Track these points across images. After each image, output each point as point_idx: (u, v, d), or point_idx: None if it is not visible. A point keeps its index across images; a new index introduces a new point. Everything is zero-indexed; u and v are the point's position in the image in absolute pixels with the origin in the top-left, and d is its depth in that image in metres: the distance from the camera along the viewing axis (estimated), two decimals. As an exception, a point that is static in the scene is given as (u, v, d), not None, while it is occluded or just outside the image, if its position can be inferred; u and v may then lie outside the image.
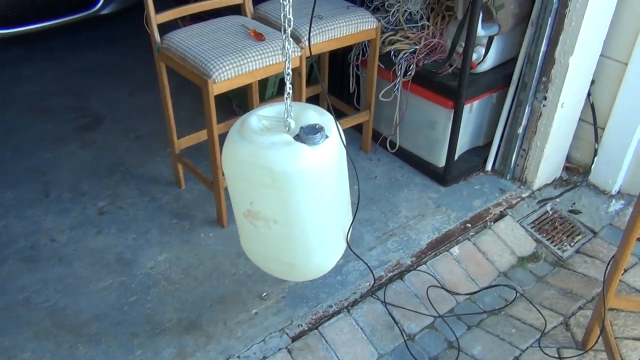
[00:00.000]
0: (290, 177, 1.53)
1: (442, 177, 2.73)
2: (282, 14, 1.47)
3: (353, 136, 2.94)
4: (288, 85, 1.54)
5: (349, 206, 1.83)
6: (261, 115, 1.64)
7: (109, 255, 2.30)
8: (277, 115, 1.63)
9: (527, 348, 2.05)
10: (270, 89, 2.88)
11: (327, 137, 1.58)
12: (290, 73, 1.56)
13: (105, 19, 3.94)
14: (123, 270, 2.23)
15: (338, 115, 2.93)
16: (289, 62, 1.54)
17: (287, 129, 1.60)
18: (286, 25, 1.49)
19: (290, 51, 1.53)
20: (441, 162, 2.73)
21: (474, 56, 2.56)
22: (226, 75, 2.10)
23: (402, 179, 2.77)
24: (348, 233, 1.80)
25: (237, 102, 3.07)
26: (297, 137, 1.56)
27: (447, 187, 2.73)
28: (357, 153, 2.92)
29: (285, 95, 1.55)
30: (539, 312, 2.17)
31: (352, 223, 1.82)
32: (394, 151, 2.89)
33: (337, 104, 2.98)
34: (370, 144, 2.91)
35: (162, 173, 2.73)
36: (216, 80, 2.08)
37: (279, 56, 2.21)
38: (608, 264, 1.88)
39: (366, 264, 2.13)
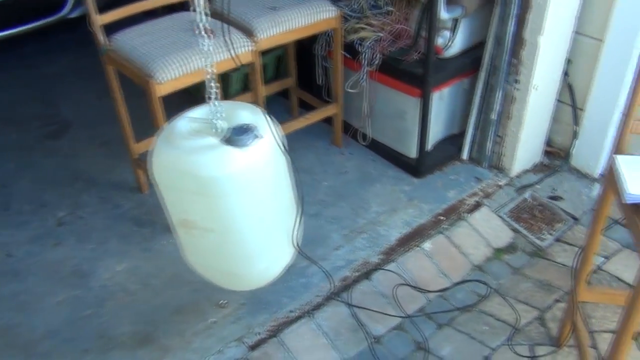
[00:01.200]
0: (218, 183, 1.44)
1: (415, 168, 2.62)
2: (192, 7, 1.37)
3: (324, 130, 2.84)
4: (209, 85, 1.45)
5: (294, 207, 1.73)
6: (191, 118, 1.55)
7: (65, 268, 2.22)
8: (207, 117, 1.54)
9: (498, 347, 1.95)
10: (234, 85, 2.78)
11: (258, 137, 1.48)
12: (214, 72, 1.46)
13: (77, 23, 3.85)
14: (79, 283, 2.15)
15: (308, 108, 2.84)
16: (210, 60, 1.44)
17: (216, 131, 1.50)
18: (199, 20, 1.39)
19: (211, 48, 1.44)
20: (413, 153, 2.62)
21: (440, 41, 2.44)
22: (171, 75, 2.01)
23: (374, 173, 2.66)
24: (294, 235, 1.69)
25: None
26: (227, 140, 1.47)
27: (420, 178, 2.61)
28: (329, 147, 2.81)
29: (208, 96, 1.45)
30: (512, 307, 2.06)
31: (298, 225, 1.71)
32: (366, 144, 2.78)
33: (306, 97, 2.87)
34: (341, 137, 2.80)
35: (126, 179, 2.64)
36: (161, 81, 1.99)
37: (228, 52, 2.11)
38: (577, 254, 1.77)
39: (321, 267, 2.03)
